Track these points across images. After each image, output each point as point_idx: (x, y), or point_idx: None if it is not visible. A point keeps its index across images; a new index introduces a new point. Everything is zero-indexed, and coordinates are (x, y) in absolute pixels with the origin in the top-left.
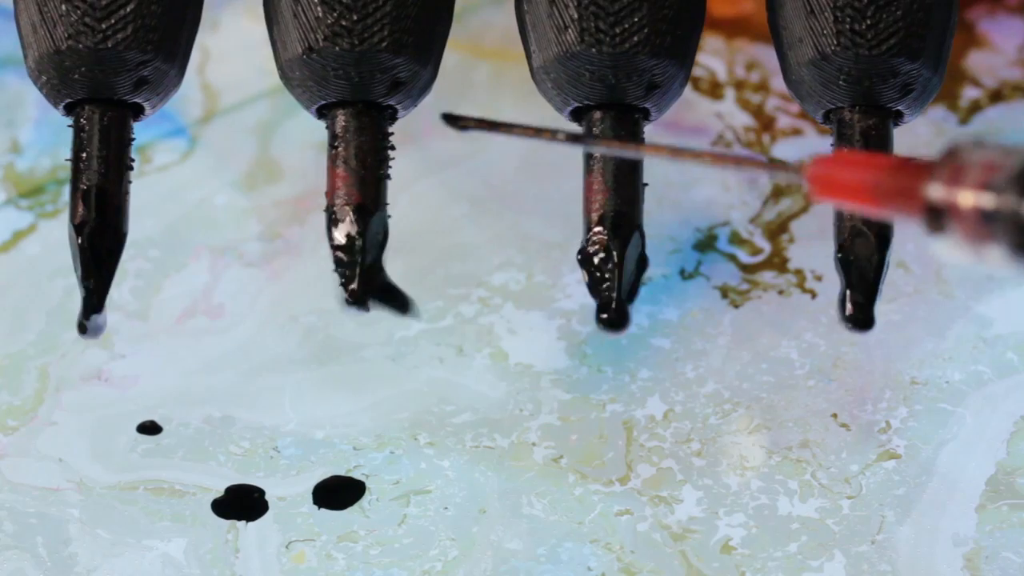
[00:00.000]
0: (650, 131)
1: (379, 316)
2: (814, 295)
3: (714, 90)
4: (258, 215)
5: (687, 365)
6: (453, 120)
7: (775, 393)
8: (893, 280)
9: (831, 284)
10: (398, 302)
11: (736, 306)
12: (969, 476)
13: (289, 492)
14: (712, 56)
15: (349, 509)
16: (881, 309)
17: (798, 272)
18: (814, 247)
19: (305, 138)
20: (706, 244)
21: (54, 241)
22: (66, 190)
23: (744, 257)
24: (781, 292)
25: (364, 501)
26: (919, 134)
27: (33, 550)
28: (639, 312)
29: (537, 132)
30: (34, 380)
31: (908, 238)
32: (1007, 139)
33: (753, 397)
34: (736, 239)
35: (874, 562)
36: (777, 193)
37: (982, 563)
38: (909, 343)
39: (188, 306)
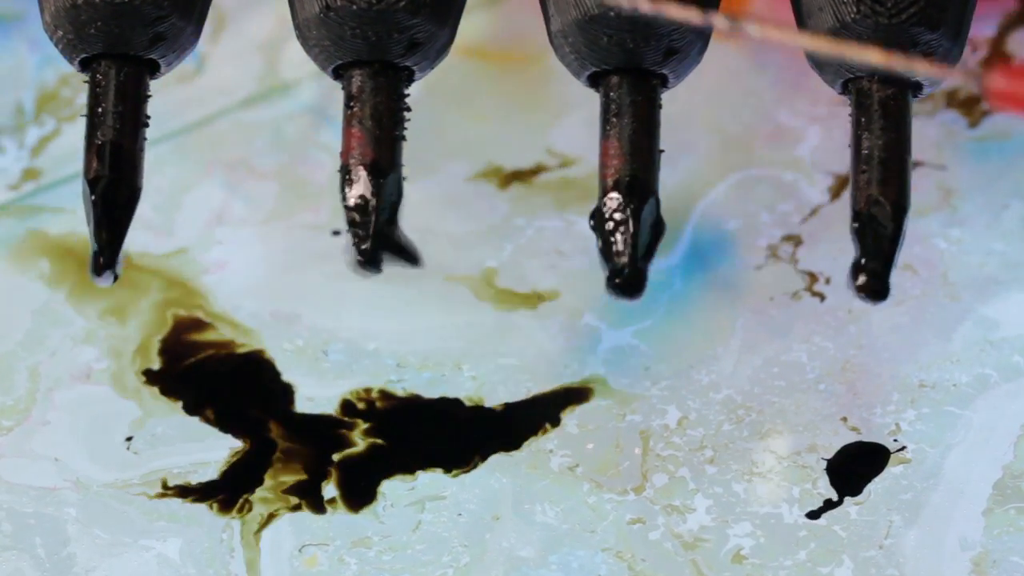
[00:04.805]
0: None
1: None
2: (823, 298)
3: None
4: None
5: (701, 371)
6: None
7: (786, 397)
8: (900, 283)
9: (839, 287)
10: (407, 256)
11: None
12: (976, 480)
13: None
14: None
15: (364, 514)
16: (889, 312)
17: (809, 275)
18: (822, 250)
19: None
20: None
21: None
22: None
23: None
24: (793, 295)
25: (378, 507)
26: (927, 135)
27: (32, 550)
28: (658, 300)
29: None
30: (25, 380)
31: (915, 240)
32: (1013, 145)
33: (765, 402)
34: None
35: (882, 567)
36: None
37: (989, 567)
38: (916, 345)
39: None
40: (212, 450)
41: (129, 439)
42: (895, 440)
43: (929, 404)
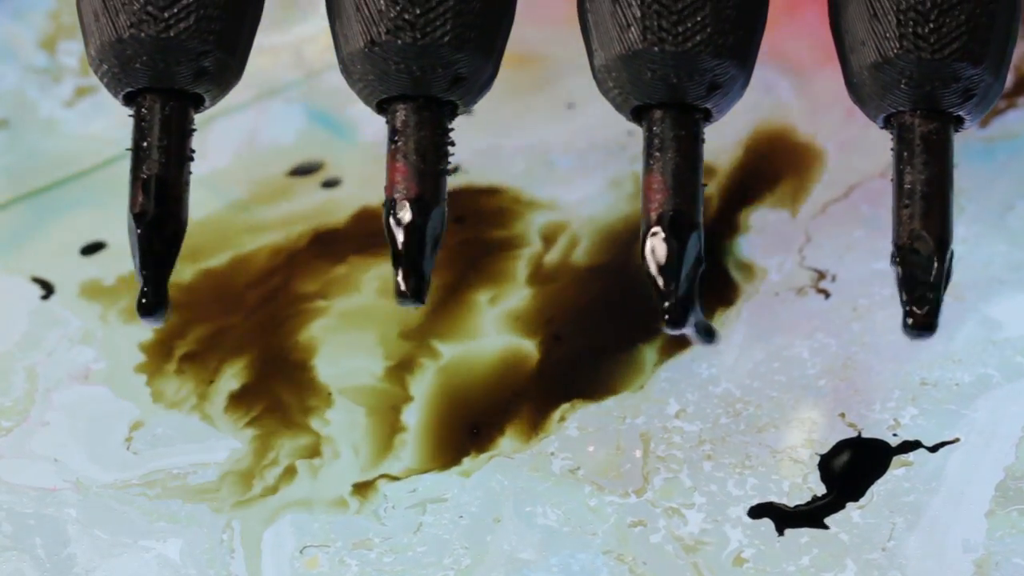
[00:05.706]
0: None
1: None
2: (827, 295)
3: None
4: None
5: (702, 364)
6: None
7: (785, 392)
8: None
9: (844, 284)
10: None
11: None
12: (978, 482)
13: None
14: None
15: (364, 515)
16: (892, 310)
17: (815, 271)
18: (828, 247)
19: None
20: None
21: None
22: None
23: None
24: (800, 291)
25: (380, 508)
26: None
27: (32, 551)
28: None
29: None
30: (23, 380)
31: None
32: (1019, 144)
33: (763, 396)
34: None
35: (885, 569)
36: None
37: (992, 569)
38: (918, 344)
39: None
40: (212, 450)
41: (135, 427)
42: (895, 435)
43: (930, 402)
